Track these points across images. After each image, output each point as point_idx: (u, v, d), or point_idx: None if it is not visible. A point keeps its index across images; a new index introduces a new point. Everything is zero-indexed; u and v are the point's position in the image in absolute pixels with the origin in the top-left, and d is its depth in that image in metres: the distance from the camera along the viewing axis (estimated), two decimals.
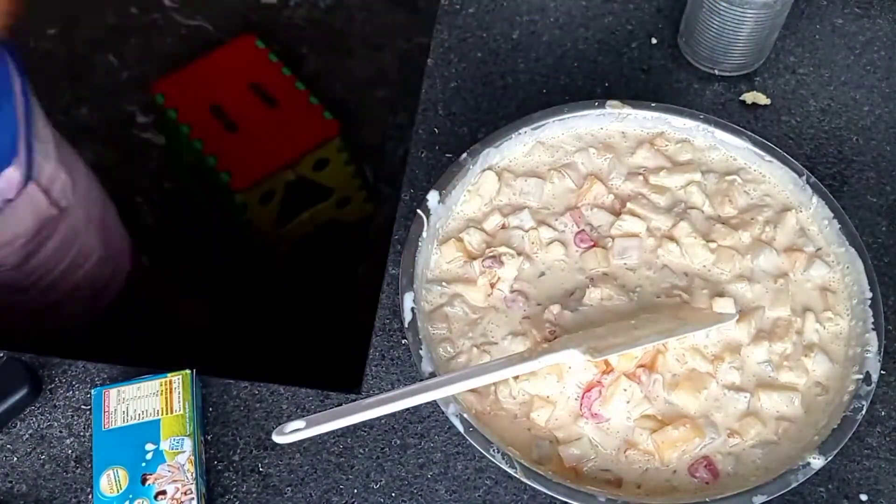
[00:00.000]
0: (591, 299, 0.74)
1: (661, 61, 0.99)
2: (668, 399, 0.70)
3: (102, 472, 0.71)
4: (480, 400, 0.70)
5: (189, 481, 0.70)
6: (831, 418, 0.69)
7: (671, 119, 0.83)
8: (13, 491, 0.74)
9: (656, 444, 0.68)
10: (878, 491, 0.75)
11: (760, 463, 0.69)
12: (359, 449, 0.76)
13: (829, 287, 0.77)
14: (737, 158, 0.83)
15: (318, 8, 2.10)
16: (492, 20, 1.02)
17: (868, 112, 0.95)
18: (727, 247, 0.77)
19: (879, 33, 1.01)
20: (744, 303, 0.75)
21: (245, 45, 1.77)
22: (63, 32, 2.05)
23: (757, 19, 0.90)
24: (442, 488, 0.75)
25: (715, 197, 0.80)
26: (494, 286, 0.75)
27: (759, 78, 0.97)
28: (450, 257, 0.77)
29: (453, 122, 0.94)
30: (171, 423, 0.72)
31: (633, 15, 1.03)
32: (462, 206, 0.80)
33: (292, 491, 0.74)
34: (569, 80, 0.98)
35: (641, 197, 0.80)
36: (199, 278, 1.74)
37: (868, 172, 0.91)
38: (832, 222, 0.78)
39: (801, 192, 0.80)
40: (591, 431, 0.69)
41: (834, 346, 0.74)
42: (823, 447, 0.67)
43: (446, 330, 0.73)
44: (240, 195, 1.58)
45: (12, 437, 0.76)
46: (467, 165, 0.79)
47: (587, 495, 0.65)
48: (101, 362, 0.79)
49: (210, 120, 1.66)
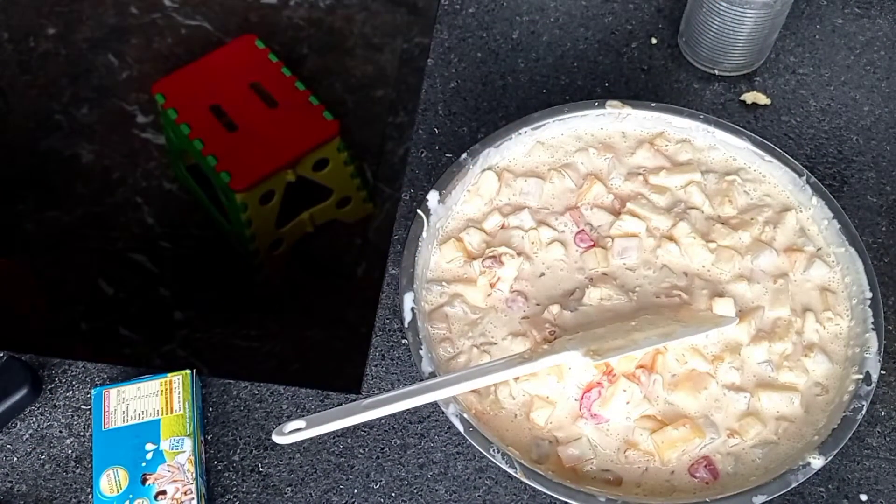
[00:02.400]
0: (591, 299, 0.74)
1: (661, 61, 0.99)
2: (667, 399, 0.71)
3: (102, 472, 0.71)
4: (480, 400, 0.70)
5: (189, 481, 0.70)
6: (831, 418, 0.69)
7: (671, 119, 0.83)
8: (13, 491, 0.74)
9: (656, 444, 0.68)
10: (878, 491, 0.75)
11: (760, 463, 0.69)
12: (359, 449, 0.76)
13: (828, 287, 0.77)
14: (737, 158, 0.83)
15: (318, 8, 2.10)
16: (492, 20, 1.02)
17: (868, 112, 0.96)
18: (727, 247, 0.77)
19: (879, 33, 1.01)
20: (743, 303, 0.75)
21: (245, 45, 1.77)
22: (63, 32, 2.05)
23: (757, 19, 0.90)
24: (442, 488, 0.75)
25: (715, 197, 0.80)
26: (494, 286, 0.75)
27: (759, 78, 0.97)
28: (450, 257, 0.77)
29: (453, 122, 0.94)
30: (171, 423, 0.72)
31: (633, 15, 1.03)
32: (462, 206, 0.80)
33: (292, 491, 0.74)
34: (569, 80, 0.98)
35: (641, 197, 0.80)
36: (199, 278, 1.74)
37: (868, 172, 0.92)
38: (832, 222, 0.78)
39: (800, 192, 0.80)
40: (591, 432, 0.69)
41: (834, 346, 0.74)
42: (823, 447, 0.67)
43: (446, 330, 0.73)
44: (240, 195, 1.58)
45: (12, 436, 0.76)
46: (467, 165, 0.79)
47: (587, 495, 0.65)
48: (101, 362, 0.79)
49: (210, 120, 1.66)
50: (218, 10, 2.10)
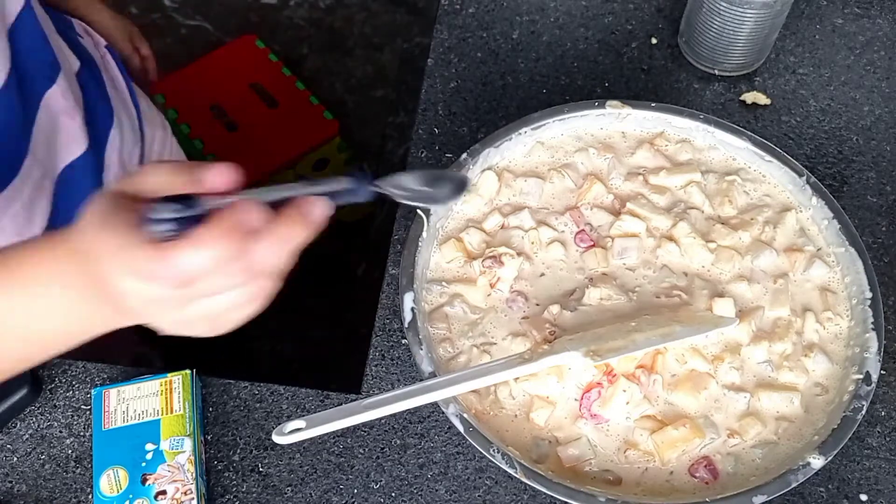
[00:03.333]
0: (591, 299, 0.74)
1: (661, 61, 0.99)
2: (667, 399, 0.70)
3: (102, 471, 0.71)
4: (480, 400, 0.70)
5: (189, 481, 0.70)
6: (831, 418, 0.69)
7: (671, 119, 0.83)
8: (13, 491, 0.74)
9: (656, 444, 0.68)
10: (878, 491, 0.75)
11: (760, 463, 0.69)
12: (359, 449, 0.76)
13: (828, 287, 0.77)
14: (736, 158, 0.83)
15: (318, 8, 2.10)
16: (492, 20, 1.02)
17: (868, 112, 0.96)
18: (727, 247, 0.77)
19: (879, 33, 1.01)
20: (743, 303, 0.75)
21: (245, 45, 1.77)
22: None
23: (757, 19, 0.90)
24: (442, 488, 0.75)
25: (715, 197, 0.80)
26: (494, 286, 0.75)
27: (759, 78, 0.97)
28: (450, 257, 0.77)
29: (453, 122, 0.94)
30: (171, 423, 0.72)
31: (633, 15, 1.03)
32: (462, 206, 0.80)
33: (292, 491, 0.74)
34: (569, 80, 0.98)
35: (641, 197, 0.80)
36: None
37: (868, 172, 0.92)
38: (832, 222, 0.78)
39: (800, 193, 0.80)
40: (591, 432, 0.69)
41: (834, 346, 0.74)
42: (823, 447, 0.67)
43: (446, 330, 0.73)
44: None
45: (12, 436, 0.76)
46: (467, 165, 0.79)
47: (587, 495, 0.65)
48: (101, 362, 0.79)
49: (210, 120, 1.66)
50: (218, 10, 2.10)
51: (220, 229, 0.44)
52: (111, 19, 1.05)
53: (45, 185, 0.77)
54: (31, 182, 0.75)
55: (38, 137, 0.75)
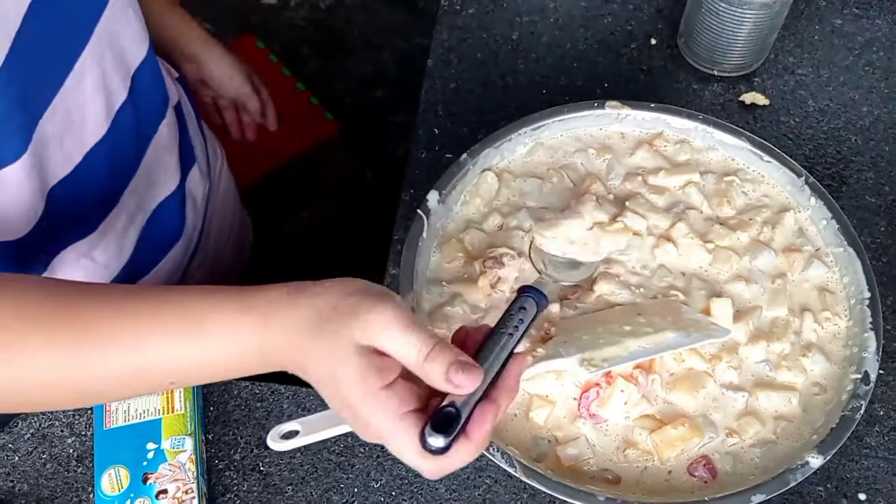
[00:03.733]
0: (591, 299, 0.74)
1: (660, 62, 1.00)
2: (666, 399, 0.71)
3: (104, 471, 0.71)
4: None
5: (190, 480, 0.70)
6: (829, 418, 0.69)
7: (670, 119, 0.84)
8: (14, 490, 0.74)
9: (655, 443, 0.69)
10: (877, 490, 0.75)
11: (759, 462, 0.69)
12: (359, 448, 0.76)
13: (827, 287, 0.77)
14: (735, 159, 0.83)
15: (318, 8, 2.10)
16: (492, 21, 1.02)
17: (867, 112, 0.96)
18: (725, 247, 0.77)
19: (878, 34, 1.01)
20: (741, 303, 0.75)
21: (245, 46, 1.77)
22: None
23: (756, 20, 0.90)
24: (442, 487, 0.75)
25: (713, 197, 0.81)
26: (495, 287, 0.75)
27: (757, 78, 0.98)
28: (450, 257, 0.77)
29: (453, 122, 0.94)
30: (172, 423, 0.73)
31: (633, 15, 1.03)
32: (462, 207, 0.80)
33: (293, 490, 0.75)
34: (569, 80, 0.98)
35: (640, 197, 0.80)
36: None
37: (867, 173, 0.92)
38: (830, 223, 0.78)
39: (799, 193, 0.80)
40: (590, 431, 0.70)
41: (832, 345, 0.74)
42: (822, 446, 0.67)
43: (446, 330, 0.73)
44: None
45: (14, 436, 0.76)
46: (467, 166, 0.79)
47: (587, 494, 0.65)
48: None
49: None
50: (218, 10, 2.10)
51: (477, 447, 0.53)
52: (227, 55, 1.04)
53: (137, 218, 0.78)
54: (125, 214, 0.76)
55: (142, 172, 0.77)
